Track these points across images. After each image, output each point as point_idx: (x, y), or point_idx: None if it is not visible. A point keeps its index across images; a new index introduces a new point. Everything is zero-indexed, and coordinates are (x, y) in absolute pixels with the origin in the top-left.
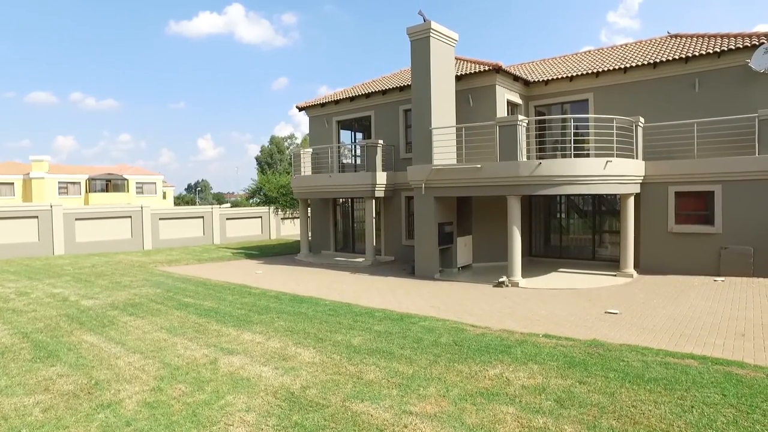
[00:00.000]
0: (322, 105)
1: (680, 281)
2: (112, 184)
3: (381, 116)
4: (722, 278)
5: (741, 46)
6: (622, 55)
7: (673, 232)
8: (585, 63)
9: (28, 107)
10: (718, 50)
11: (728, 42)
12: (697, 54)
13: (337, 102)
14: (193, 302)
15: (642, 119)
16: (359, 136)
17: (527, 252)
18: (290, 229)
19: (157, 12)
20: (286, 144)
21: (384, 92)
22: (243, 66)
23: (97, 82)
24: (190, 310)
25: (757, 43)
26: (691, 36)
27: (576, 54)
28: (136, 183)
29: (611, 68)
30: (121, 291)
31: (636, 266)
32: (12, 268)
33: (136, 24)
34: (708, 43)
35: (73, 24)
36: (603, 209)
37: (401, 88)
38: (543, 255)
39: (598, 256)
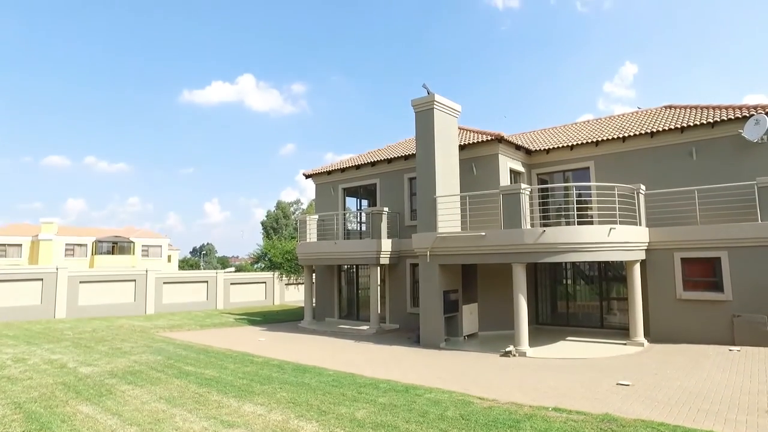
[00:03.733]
0: (329, 173)
1: (693, 350)
2: (118, 246)
3: (386, 184)
4: (737, 348)
5: (733, 117)
6: (620, 124)
7: (682, 299)
8: (585, 132)
9: (43, 171)
10: (712, 121)
11: (720, 113)
12: (692, 124)
13: (343, 170)
14: (193, 370)
15: (643, 186)
16: (365, 203)
17: (534, 320)
18: (294, 294)
19: (172, 81)
20: (291, 209)
21: (389, 161)
22: (252, 133)
23: (110, 147)
24: (190, 378)
25: (748, 115)
26: (685, 107)
27: (576, 123)
28: (142, 246)
29: (610, 137)
30: (120, 357)
31: (646, 334)
32: (11, 332)
33: (151, 92)
34: (701, 114)
35: (92, 91)
36: (609, 275)
37: (406, 157)
38: (550, 323)
39: (607, 323)
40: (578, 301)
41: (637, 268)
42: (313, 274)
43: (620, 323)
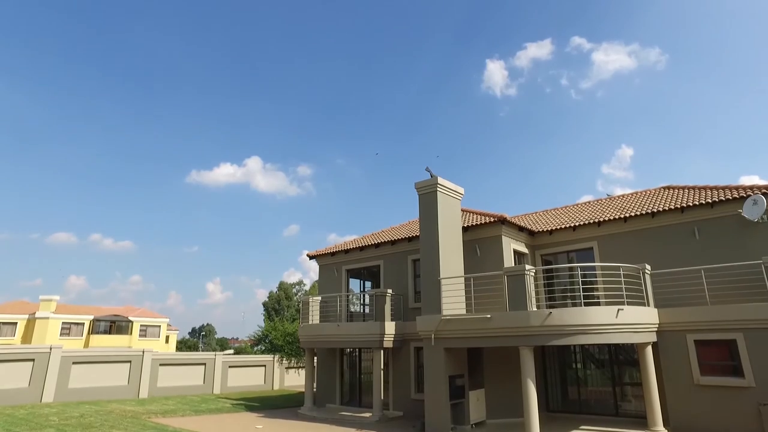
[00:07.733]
0: (333, 254)
1: None
2: (116, 325)
3: (390, 265)
4: None
5: (731, 198)
6: (620, 205)
7: (700, 385)
8: (586, 213)
9: (49, 248)
10: (711, 201)
11: (718, 193)
12: (691, 204)
13: (347, 251)
14: None
15: (648, 266)
16: (368, 284)
17: (544, 406)
18: (294, 379)
19: (181, 162)
20: (294, 290)
21: (393, 242)
22: (257, 213)
23: (116, 224)
24: None
25: (745, 195)
26: (683, 187)
27: (577, 204)
28: (141, 326)
29: (612, 218)
30: None
31: (665, 423)
32: None
33: (161, 171)
34: (700, 194)
35: (102, 168)
36: (621, 359)
37: (410, 239)
38: (562, 410)
39: (622, 411)
40: (590, 386)
41: (649, 351)
42: (315, 358)
43: (636, 410)
